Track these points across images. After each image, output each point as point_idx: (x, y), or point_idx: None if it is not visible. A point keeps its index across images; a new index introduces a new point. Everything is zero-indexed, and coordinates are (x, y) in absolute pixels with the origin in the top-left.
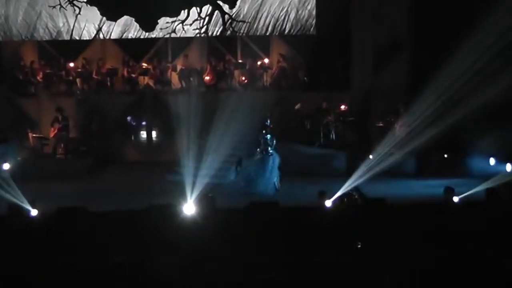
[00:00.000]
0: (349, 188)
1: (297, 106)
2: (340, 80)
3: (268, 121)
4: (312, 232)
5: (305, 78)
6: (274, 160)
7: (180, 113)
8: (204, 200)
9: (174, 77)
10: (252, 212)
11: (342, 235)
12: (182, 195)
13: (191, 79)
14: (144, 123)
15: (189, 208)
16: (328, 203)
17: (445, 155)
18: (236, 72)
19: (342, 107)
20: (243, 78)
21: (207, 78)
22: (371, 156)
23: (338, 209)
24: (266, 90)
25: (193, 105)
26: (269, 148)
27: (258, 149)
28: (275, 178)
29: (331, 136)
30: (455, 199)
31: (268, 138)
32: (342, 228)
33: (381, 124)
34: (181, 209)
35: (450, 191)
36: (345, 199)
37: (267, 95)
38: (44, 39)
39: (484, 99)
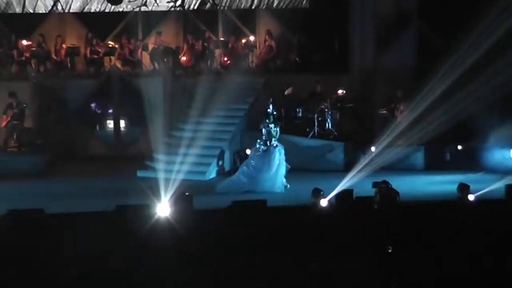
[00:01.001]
0: (378, 181)
1: (288, 91)
2: (337, 60)
3: (271, 107)
4: (306, 235)
5: (297, 59)
6: (281, 153)
7: (153, 99)
8: (181, 199)
9: (145, 58)
10: (235, 213)
11: (344, 238)
12: (155, 194)
13: (165, 59)
14: (110, 111)
15: (163, 208)
16: (324, 202)
17: (459, 147)
18: (217, 52)
19: (340, 91)
20: (225, 59)
21: (183, 58)
22: (373, 148)
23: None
24: (252, 72)
25: (168, 89)
26: (273, 139)
27: (259, 141)
28: (284, 173)
29: (327, 125)
30: (471, 197)
31: (272, 127)
32: (345, 230)
33: (384, 111)
34: (154, 210)
35: (465, 188)
36: (375, 193)
37: (253, 78)
38: None
39: (502, 82)
